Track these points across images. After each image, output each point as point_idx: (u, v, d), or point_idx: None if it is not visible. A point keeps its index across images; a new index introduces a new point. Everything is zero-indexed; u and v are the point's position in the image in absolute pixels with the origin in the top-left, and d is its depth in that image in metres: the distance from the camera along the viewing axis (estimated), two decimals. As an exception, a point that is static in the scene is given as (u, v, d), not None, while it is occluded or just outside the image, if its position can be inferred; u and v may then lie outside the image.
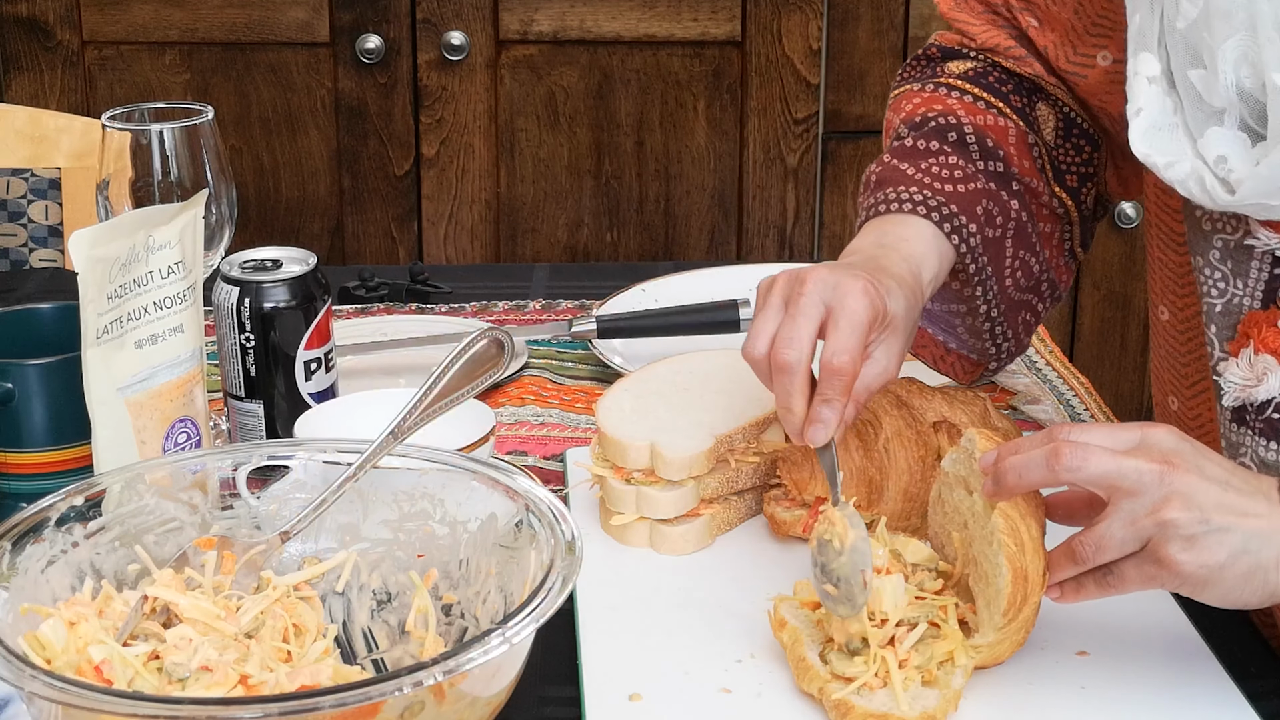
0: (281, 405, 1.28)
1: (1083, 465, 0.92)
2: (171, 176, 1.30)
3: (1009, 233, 1.20)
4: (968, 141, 1.20)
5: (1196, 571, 0.91)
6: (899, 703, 0.95)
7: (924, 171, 1.18)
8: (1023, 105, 1.23)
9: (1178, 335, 1.15)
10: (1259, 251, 1.01)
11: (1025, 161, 1.21)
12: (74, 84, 2.58)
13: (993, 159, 1.20)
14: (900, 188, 1.17)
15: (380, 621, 1.01)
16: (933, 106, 1.23)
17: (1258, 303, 1.02)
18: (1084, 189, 1.24)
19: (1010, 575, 0.95)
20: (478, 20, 2.56)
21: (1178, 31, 1.00)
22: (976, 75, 1.24)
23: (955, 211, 1.16)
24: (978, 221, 1.17)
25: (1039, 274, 1.23)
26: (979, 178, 1.19)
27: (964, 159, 1.19)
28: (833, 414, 1.04)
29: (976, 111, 1.22)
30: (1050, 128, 1.24)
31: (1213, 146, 0.99)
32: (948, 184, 1.17)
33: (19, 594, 0.92)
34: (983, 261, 1.18)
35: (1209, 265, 1.04)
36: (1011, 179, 1.20)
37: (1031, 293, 1.24)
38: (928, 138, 1.20)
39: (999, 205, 1.19)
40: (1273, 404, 1.01)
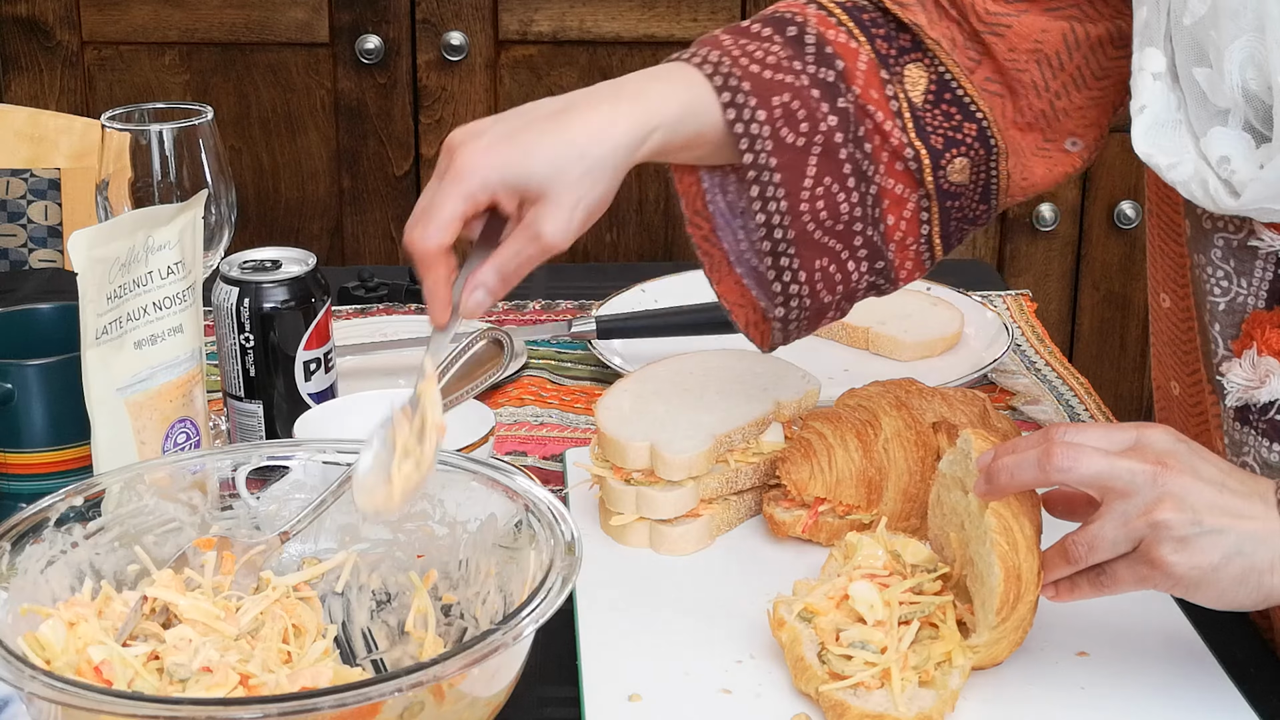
0: (281, 405, 1.28)
1: (1074, 466, 0.92)
2: (171, 177, 1.30)
3: (814, 147, 1.07)
4: (805, 41, 1.08)
5: (1188, 573, 0.91)
6: (896, 703, 0.95)
7: (739, 46, 1.07)
8: (887, 53, 1.10)
9: (1179, 323, 1.15)
10: (1263, 252, 1.01)
11: (873, 91, 1.08)
12: (73, 84, 2.58)
13: (827, 66, 1.07)
14: (705, 48, 1.07)
15: (380, 622, 1.01)
16: (790, 7, 1.11)
17: (1262, 302, 1.01)
18: (948, 153, 1.10)
19: (1002, 574, 0.95)
20: (477, 20, 2.56)
21: (1184, 28, 0.99)
22: (854, 7, 1.12)
23: (746, 90, 1.05)
24: (769, 111, 1.05)
25: (851, 219, 1.08)
26: (800, 76, 1.07)
27: (793, 53, 1.07)
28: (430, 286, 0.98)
29: (831, 25, 1.09)
30: (920, 90, 1.10)
31: (1216, 146, 0.98)
32: (755, 64, 1.06)
33: (19, 594, 0.92)
34: (768, 160, 1.06)
35: (1211, 264, 1.03)
36: (841, 94, 1.07)
37: (839, 240, 1.09)
38: (764, 23, 1.10)
39: (808, 109, 1.06)
40: (1275, 405, 1.01)
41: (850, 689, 0.96)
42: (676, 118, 1.03)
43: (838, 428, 1.17)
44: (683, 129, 1.04)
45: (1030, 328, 1.66)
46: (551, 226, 0.97)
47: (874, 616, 0.98)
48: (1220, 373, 1.03)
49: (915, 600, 1.00)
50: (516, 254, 0.98)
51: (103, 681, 0.88)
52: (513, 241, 0.98)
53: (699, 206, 1.14)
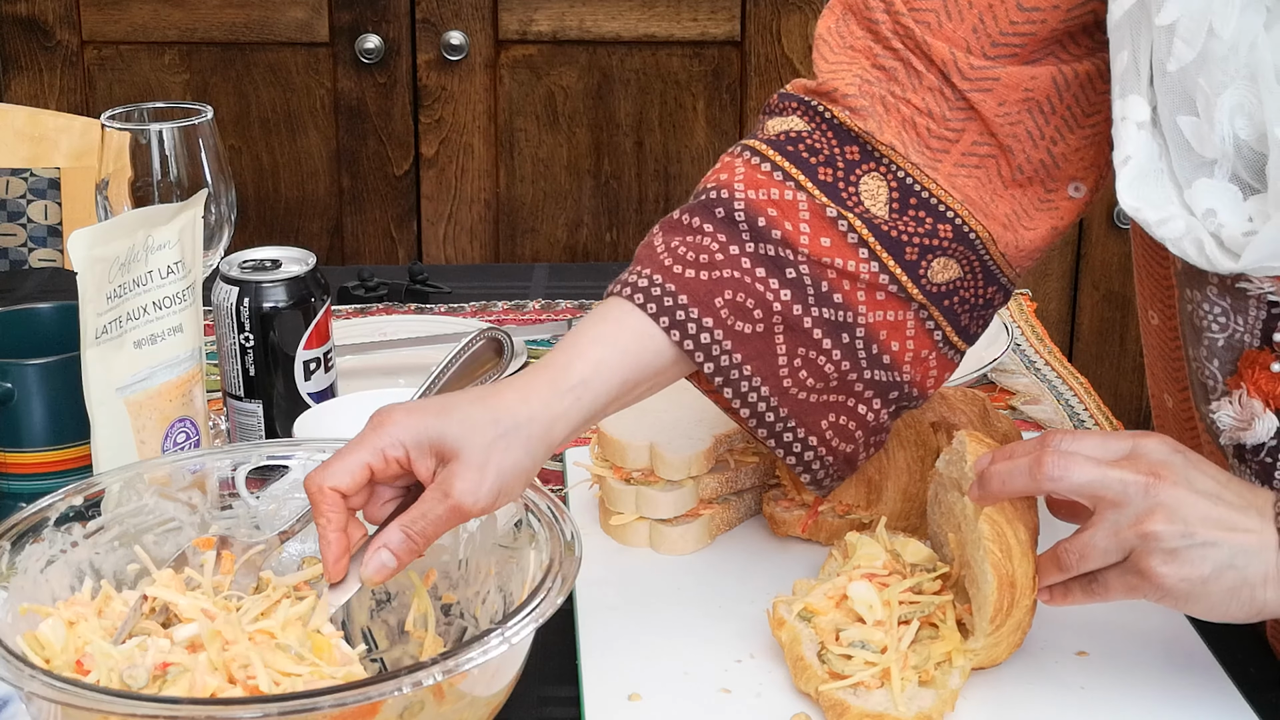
0: (281, 405, 1.28)
1: (1065, 475, 0.92)
2: (171, 176, 1.30)
3: (775, 328, 1.03)
4: (736, 220, 1.04)
5: (1178, 585, 0.90)
6: (896, 703, 0.95)
7: (670, 252, 1.04)
8: (832, 179, 1.05)
9: (1168, 339, 1.14)
10: (1252, 295, 0.97)
11: (824, 239, 1.04)
12: (73, 84, 2.58)
13: (765, 241, 1.03)
14: (640, 268, 1.04)
15: (379, 621, 1.01)
16: (719, 176, 1.07)
17: (1256, 340, 0.99)
18: (923, 262, 1.05)
19: (995, 582, 0.95)
20: (477, 20, 2.56)
21: (1168, 74, 0.94)
22: (788, 139, 1.07)
23: (684, 303, 1.02)
24: (715, 316, 1.02)
25: (844, 373, 1.06)
26: (740, 262, 1.03)
27: (729, 237, 1.04)
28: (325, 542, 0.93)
29: (759, 184, 1.05)
30: (882, 201, 1.05)
31: (1201, 199, 0.94)
32: (689, 268, 1.03)
33: (18, 594, 0.92)
34: (730, 359, 1.03)
35: (1207, 300, 0.99)
36: (788, 264, 1.03)
37: (837, 393, 1.06)
38: (694, 212, 1.05)
39: (754, 296, 1.03)
40: (1264, 449, 0.99)
41: (850, 689, 0.96)
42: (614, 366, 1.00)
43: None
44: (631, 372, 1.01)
45: (1030, 327, 1.66)
46: (461, 485, 0.92)
47: (873, 617, 0.98)
48: (1212, 411, 1.01)
49: (915, 600, 1.00)
50: (424, 514, 0.93)
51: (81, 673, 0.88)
52: (422, 501, 0.93)
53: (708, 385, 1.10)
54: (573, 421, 0.98)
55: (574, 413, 0.98)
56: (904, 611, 0.99)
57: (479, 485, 0.93)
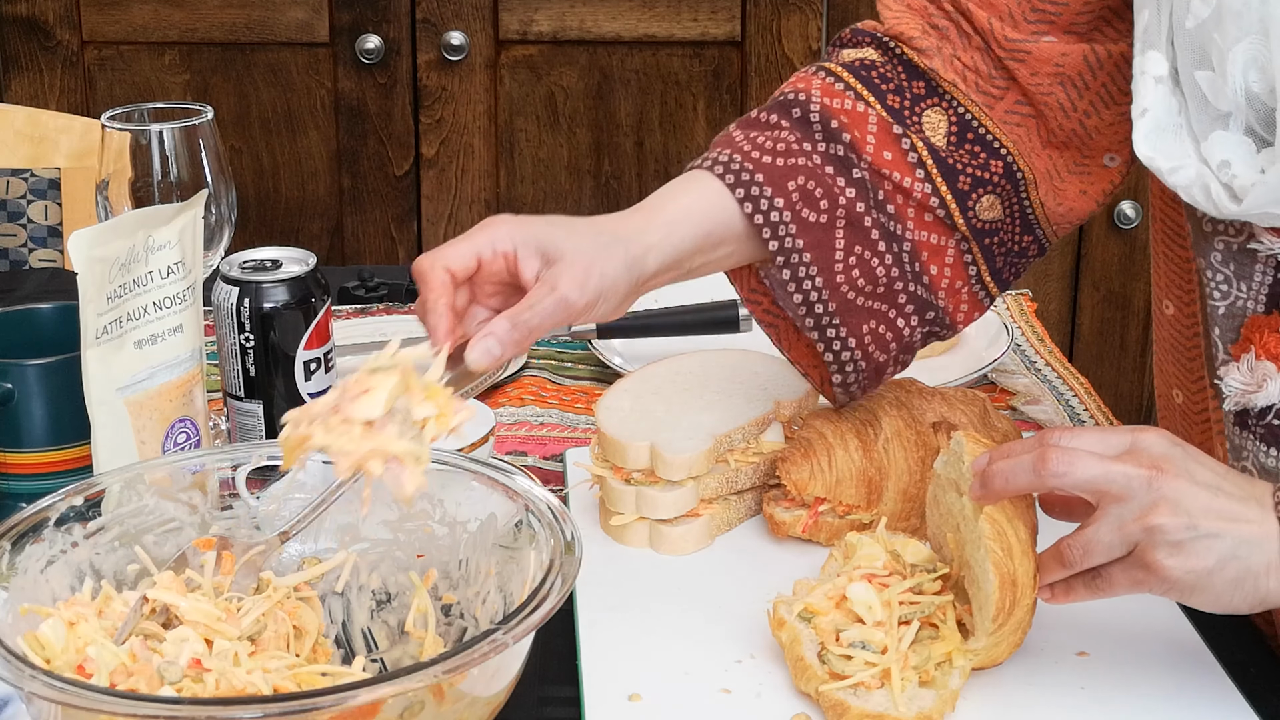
0: (281, 405, 1.28)
1: (1069, 471, 0.92)
2: (171, 176, 1.30)
3: (838, 221, 1.11)
4: (811, 120, 1.12)
5: (1184, 577, 0.91)
6: (896, 703, 0.95)
7: (748, 140, 1.12)
8: (900, 106, 1.14)
9: (1183, 330, 1.15)
10: (1262, 256, 1.00)
11: (886, 152, 1.12)
12: (73, 84, 2.58)
13: (834, 141, 1.12)
14: (719, 149, 1.13)
15: (380, 622, 1.01)
16: (796, 85, 1.16)
17: (1261, 306, 1.01)
18: (975, 193, 1.13)
19: (997, 582, 0.95)
20: (477, 20, 2.56)
21: (1186, 31, 0.99)
22: (862, 66, 1.15)
23: (759, 181, 1.10)
24: (786, 197, 1.10)
25: (891, 280, 1.12)
26: (812, 156, 1.11)
27: (801, 134, 1.12)
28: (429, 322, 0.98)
29: (836, 95, 1.13)
30: (942, 133, 1.14)
31: (1217, 150, 0.98)
32: (766, 155, 1.11)
33: (19, 594, 0.92)
34: (793, 242, 1.10)
35: (1210, 267, 1.03)
36: (854, 165, 1.11)
37: (883, 301, 1.13)
38: (771, 110, 1.14)
39: (824, 188, 1.11)
40: (1273, 410, 1.01)
41: (850, 689, 0.96)
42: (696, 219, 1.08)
43: (838, 428, 1.17)
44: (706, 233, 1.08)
45: (1030, 327, 1.66)
46: (568, 280, 0.98)
47: (873, 617, 0.98)
48: (1219, 376, 1.03)
49: (915, 600, 1.00)
50: (531, 305, 0.98)
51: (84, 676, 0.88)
52: (530, 295, 0.99)
53: (754, 284, 1.18)
54: (663, 255, 1.05)
55: (664, 246, 1.06)
56: (904, 612, 0.99)
57: (584, 282, 0.99)
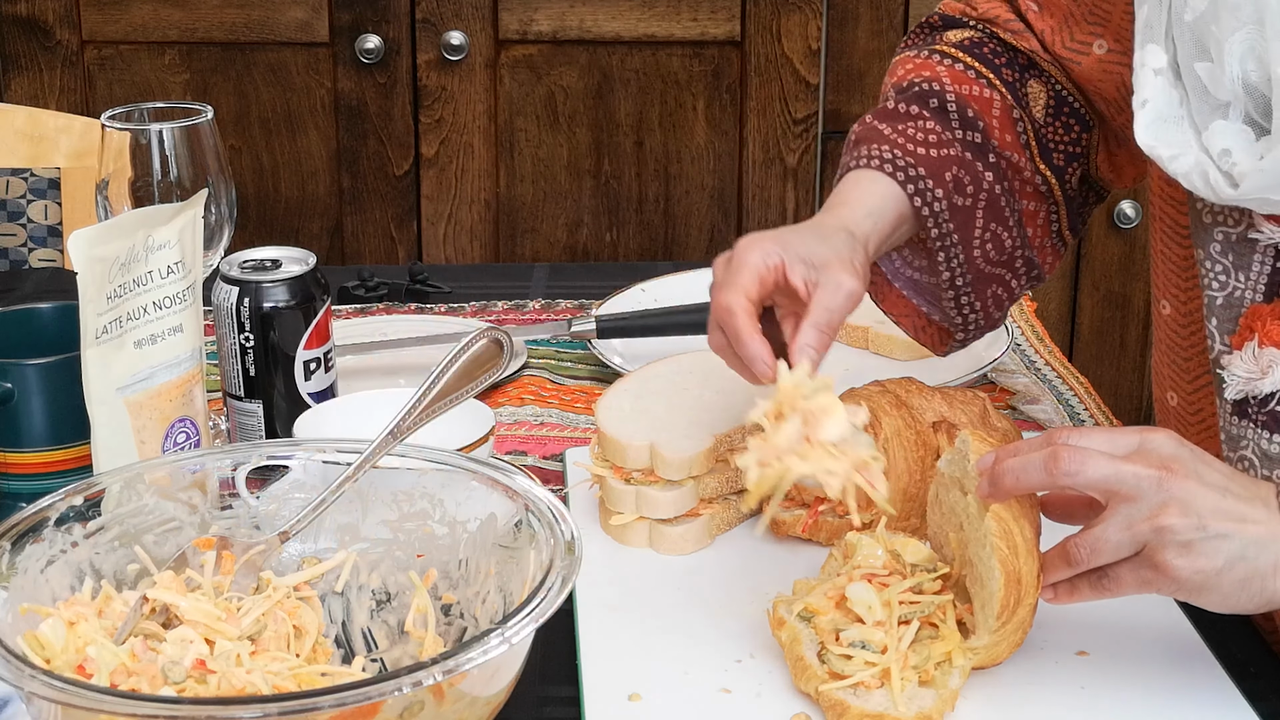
0: (281, 405, 1.28)
1: (1080, 470, 0.92)
2: (171, 176, 1.30)
3: (980, 203, 1.20)
4: (949, 109, 1.21)
5: (1192, 577, 0.91)
6: (895, 703, 0.95)
7: (899, 133, 1.19)
8: (1013, 79, 1.23)
9: (1179, 330, 1.15)
10: (1261, 245, 1.01)
11: (1008, 135, 1.22)
12: (73, 84, 2.58)
13: (971, 129, 1.21)
14: (874, 145, 1.18)
15: (380, 621, 1.01)
16: (921, 73, 1.24)
17: (1260, 296, 1.02)
18: (1069, 168, 1.24)
19: (1003, 579, 0.95)
20: (477, 20, 2.56)
21: (1185, 24, 1.00)
22: (972, 44, 1.25)
23: (922, 174, 1.17)
24: (945, 187, 1.18)
25: (1012, 249, 1.23)
26: (954, 145, 1.19)
27: (942, 125, 1.20)
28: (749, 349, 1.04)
29: (964, 80, 1.22)
30: (1041, 105, 1.24)
31: (1217, 139, 0.99)
32: (920, 147, 1.18)
33: (18, 594, 0.92)
34: (948, 228, 1.19)
35: (1210, 258, 1.04)
36: (989, 150, 1.21)
37: (1004, 267, 1.24)
38: (909, 101, 1.21)
39: (971, 174, 1.19)
40: (1276, 396, 1.01)
41: (850, 689, 0.95)
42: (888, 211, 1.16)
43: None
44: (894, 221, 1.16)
45: (1030, 327, 1.66)
46: (846, 277, 1.06)
47: (872, 617, 0.98)
48: (1220, 366, 1.04)
49: (915, 600, 1.00)
50: (826, 308, 1.05)
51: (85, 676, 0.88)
52: (817, 300, 1.05)
53: None
54: (875, 242, 1.14)
55: (875, 235, 1.14)
56: (904, 611, 0.99)
57: (857, 274, 1.07)
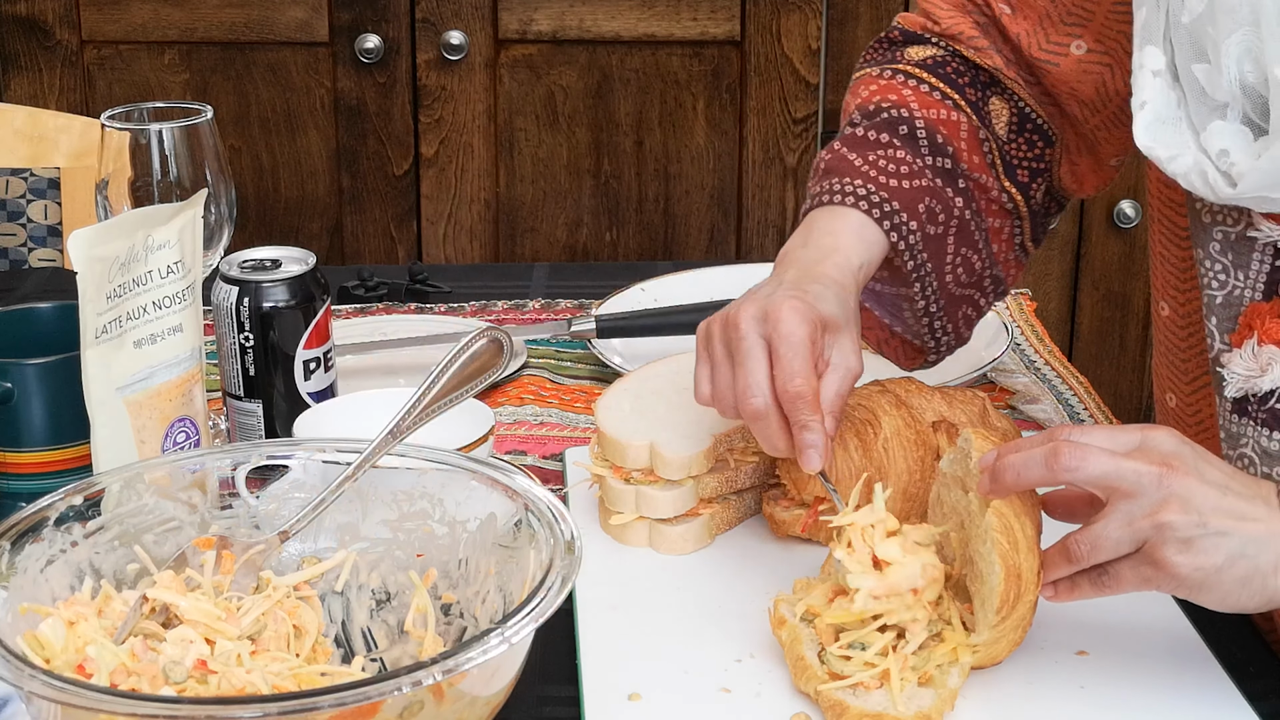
0: (280, 405, 1.28)
1: (1081, 465, 0.92)
2: (171, 176, 1.30)
3: (951, 230, 1.20)
4: (918, 136, 1.20)
5: (1192, 575, 0.91)
6: (895, 703, 0.95)
7: (870, 164, 1.18)
8: (976, 99, 1.23)
9: (1178, 331, 1.16)
10: (1260, 244, 1.02)
11: (975, 157, 1.21)
12: (73, 83, 2.58)
13: (941, 155, 1.20)
14: (845, 179, 1.17)
15: (379, 621, 1.01)
16: (888, 96, 1.22)
17: (1259, 294, 1.02)
18: (1034, 184, 1.24)
19: (1003, 573, 0.95)
20: (477, 20, 2.56)
21: (1183, 26, 1.00)
22: (935, 64, 1.24)
23: (896, 208, 1.16)
24: (919, 219, 1.17)
25: (981, 270, 1.23)
26: (925, 174, 1.19)
27: (912, 153, 1.19)
28: (814, 436, 1.04)
29: (930, 104, 1.21)
30: (1004, 122, 1.23)
31: (1215, 140, 0.99)
32: (892, 179, 1.17)
33: (18, 593, 0.92)
34: (922, 259, 1.19)
35: (1209, 257, 1.04)
36: (958, 175, 1.20)
37: (973, 288, 1.24)
38: (879, 129, 1.20)
39: (942, 202, 1.19)
40: (1276, 394, 1.02)
41: (849, 689, 0.95)
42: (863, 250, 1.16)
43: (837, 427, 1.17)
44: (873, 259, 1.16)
45: (1030, 327, 1.66)
46: (854, 357, 1.09)
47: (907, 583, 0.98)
48: (1220, 365, 1.04)
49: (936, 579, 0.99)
50: (838, 394, 1.08)
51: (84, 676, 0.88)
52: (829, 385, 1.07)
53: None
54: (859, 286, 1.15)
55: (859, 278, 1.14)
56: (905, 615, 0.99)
57: (857, 349, 1.10)
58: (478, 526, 1.00)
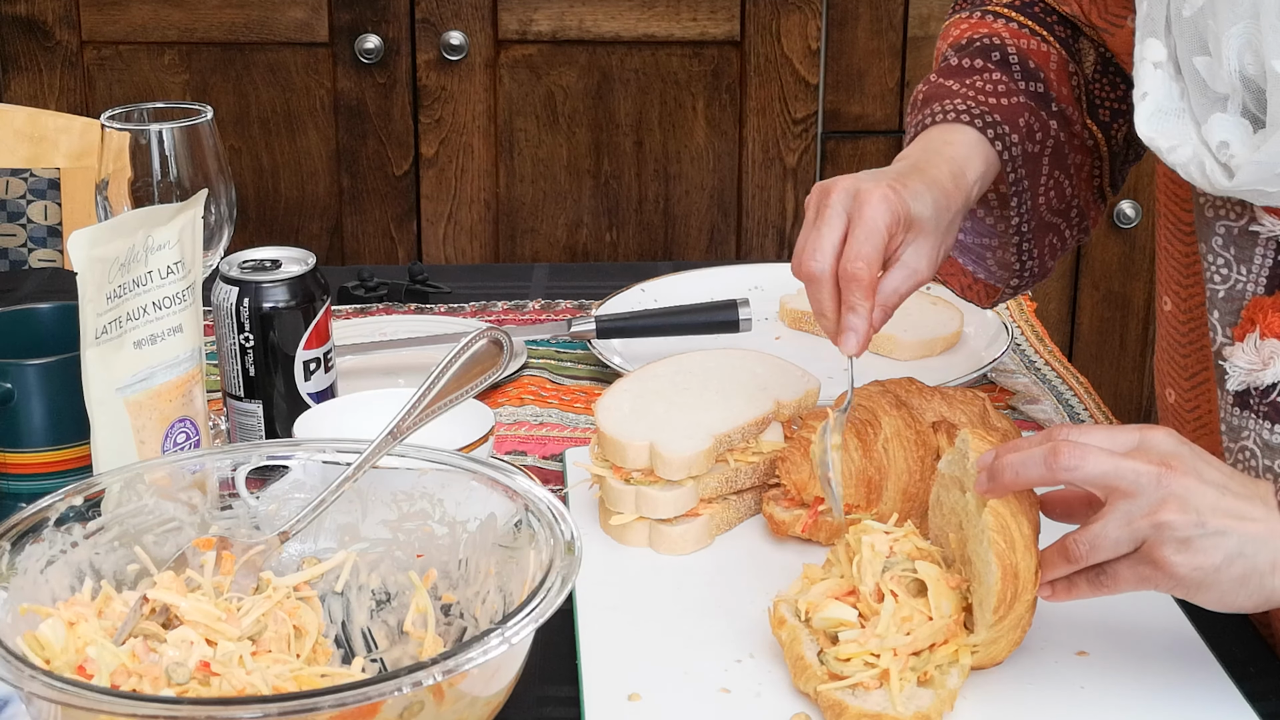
0: (280, 405, 1.28)
1: (1080, 465, 0.92)
2: (171, 176, 1.30)
3: (1046, 150, 1.22)
4: (1010, 61, 1.23)
5: (1191, 574, 0.91)
6: (894, 703, 0.95)
7: (968, 86, 1.21)
8: (1066, 36, 1.26)
9: (1179, 326, 1.16)
10: (1263, 238, 1.02)
11: (1064, 89, 1.24)
12: (73, 84, 2.58)
13: (1034, 80, 1.22)
14: (946, 101, 1.20)
15: (379, 622, 1.01)
16: (978, 30, 1.26)
17: (1261, 288, 1.03)
18: (1115, 124, 1.26)
19: (999, 572, 0.95)
20: (477, 20, 2.56)
21: (1184, 19, 1.01)
22: (1023, 5, 1.27)
23: (999, 120, 1.18)
24: (1020, 133, 1.20)
25: (1070, 197, 1.25)
26: (1020, 94, 1.21)
27: (1007, 76, 1.22)
28: (859, 320, 1.07)
29: (1021, 36, 1.24)
30: (1090, 61, 1.26)
31: (1216, 132, 1.00)
32: (991, 97, 1.20)
33: (18, 594, 0.92)
34: (1021, 173, 1.20)
35: (1212, 251, 1.05)
36: (1050, 101, 1.22)
37: (1061, 217, 1.25)
38: (973, 56, 1.24)
39: (1039, 121, 1.21)
40: (1277, 387, 1.02)
41: (849, 689, 0.96)
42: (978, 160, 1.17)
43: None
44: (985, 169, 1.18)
45: (1030, 327, 1.66)
46: (924, 262, 1.10)
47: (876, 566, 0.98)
48: (1221, 358, 1.05)
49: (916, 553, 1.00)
50: (896, 290, 1.10)
51: (85, 677, 0.88)
52: (889, 280, 1.09)
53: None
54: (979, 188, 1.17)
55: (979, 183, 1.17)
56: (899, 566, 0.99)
57: (934, 258, 1.11)
58: (478, 527, 1.00)
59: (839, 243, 1.08)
